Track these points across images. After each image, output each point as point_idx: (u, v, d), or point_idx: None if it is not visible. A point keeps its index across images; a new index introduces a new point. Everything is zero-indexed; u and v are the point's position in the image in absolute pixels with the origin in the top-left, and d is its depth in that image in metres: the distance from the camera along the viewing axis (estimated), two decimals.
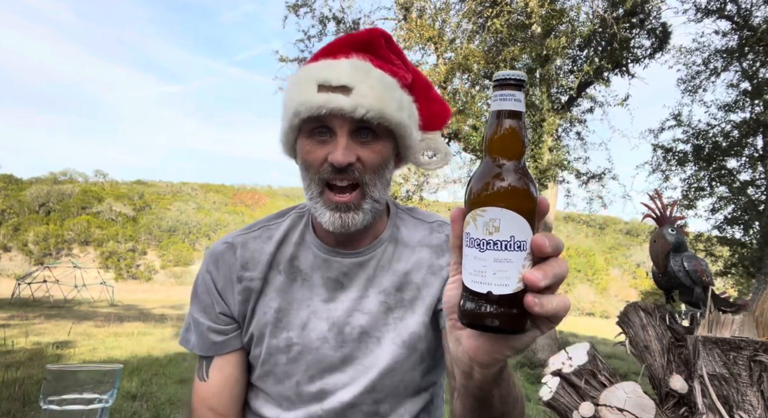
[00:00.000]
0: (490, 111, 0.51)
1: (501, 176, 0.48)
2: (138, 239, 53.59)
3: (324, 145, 0.85)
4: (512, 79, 0.49)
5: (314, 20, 9.65)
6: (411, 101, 0.91)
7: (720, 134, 11.22)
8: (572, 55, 9.67)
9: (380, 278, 0.95)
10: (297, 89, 0.85)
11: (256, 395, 0.99)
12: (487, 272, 0.47)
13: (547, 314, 0.46)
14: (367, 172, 0.85)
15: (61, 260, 34.76)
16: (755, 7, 10.19)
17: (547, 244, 0.47)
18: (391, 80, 0.87)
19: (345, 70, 0.84)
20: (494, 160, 0.49)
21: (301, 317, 0.94)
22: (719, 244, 11.55)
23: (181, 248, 52.00)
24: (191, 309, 0.99)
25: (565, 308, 0.48)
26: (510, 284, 0.46)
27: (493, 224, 0.47)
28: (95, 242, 50.75)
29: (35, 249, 48.38)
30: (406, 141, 0.90)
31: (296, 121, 0.85)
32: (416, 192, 10.01)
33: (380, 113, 0.82)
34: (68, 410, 0.66)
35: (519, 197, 0.47)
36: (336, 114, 0.82)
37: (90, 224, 52.15)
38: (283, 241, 0.98)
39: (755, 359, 1.13)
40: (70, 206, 55.64)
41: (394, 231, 0.99)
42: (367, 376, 0.92)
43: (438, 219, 1.02)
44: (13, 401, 4.05)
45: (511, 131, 0.49)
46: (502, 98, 0.49)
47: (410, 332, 0.93)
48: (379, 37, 0.91)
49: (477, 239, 0.47)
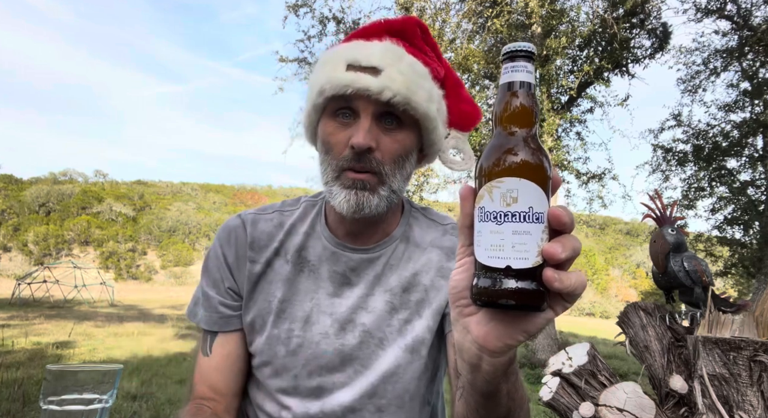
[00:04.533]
0: (500, 83, 0.50)
1: (517, 147, 0.47)
2: (138, 239, 53.57)
3: (347, 128, 0.82)
4: (523, 51, 0.48)
5: (314, 20, 9.67)
6: (441, 95, 0.88)
7: (720, 134, 11.22)
8: (572, 55, 9.68)
9: (388, 276, 0.92)
10: (324, 68, 0.82)
11: (258, 387, 0.97)
12: (505, 246, 0.45)
13: (566, 289, 0.45)
14: (386, 162, 0.82)
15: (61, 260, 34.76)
16: (755, 7, 10.20)
17: (565, 214, 0.45)
18: (424, 69, 0.84)
19: (376, 51, 0.81)
20: (508, 131, 0.48)
21: (305, 310, 0.92)
22: (719, 244, 11.55)
23: (181, 248, 51.98)
24: (201, 282, 0.98)
25: (583, 284, 0.46)
26: (530, 257, 0.45)
27: (511, 194, 0.45)
28: (95, 242, 50.74)
29: (35, 249, 48.37)
30: (431, 135, 0.87)
31: (320, 100, 0.82)
32: (416, 192, 10.01)
33: (407, 100, 0.79)
34: (68, 410, 0.66)
35: (536, 167, 0.46)
36: (362, 94, 0.79)
37: (90, 224, 52.15)
38: (293, 229, 0.96)
39: (755, 359, 1.13)
40: (70, 206, 55.64)
41: (406, 230, 0.96)
42: (366, 378, 0.89)
43: (452, 221, 0.99)
44: (13, 401, 4.06)
45: (523, 102, 0.48)
46: (513, 69, 0.48)
47: (415, 335, 0.90)
48: (414, 26, 0.87)
49: (494, 211, 0.46)
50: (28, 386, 4.51)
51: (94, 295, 18.70)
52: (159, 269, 50.16)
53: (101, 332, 9.22)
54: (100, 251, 49.52)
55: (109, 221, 55.84)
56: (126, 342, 8.18)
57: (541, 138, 8.49)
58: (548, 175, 0.47)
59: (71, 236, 50.82)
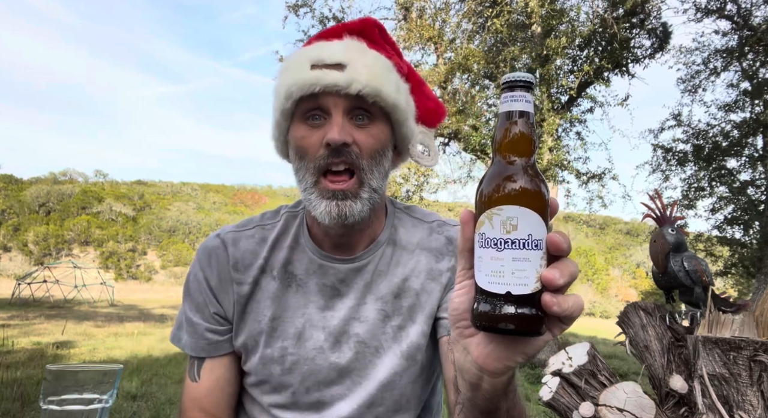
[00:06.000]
0: (500, 112, 0.51)
1: (516, 175, 0.48)
2: (138, 239, 53.55)
3: (319, 129, 0.80)
4: (521, 81, 0.50)
5: (314, 20, 9.66)
6: (407, 88, 0.87)
7: (720, 134, 11.22)
8: (572, 55, 9.67)
9: (378, 284, 0.91)
10: (288, 72, 0.81)
11: (253, 401, 0.95)
12: (505, 272, 0.46)
13: (564, 313, 0.46)
14: (363, 157, 0.80)
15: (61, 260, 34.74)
16: (755, 7, 10.20)
17: (563, 241, 0.47)
18: (387, 62, 0.83)
19: (339, 48, 0.80)
20: (507, 160, 0.50)
21: (296, 326, 0.90)
22: (719, 244, 11.55)
23: (181, 248, 51.95)
24: (184, 307, 0.94)
25: (580, 307, 0.47)
26: (529, 283, 0.46)
27: (511, 222, 0.47)
28: (95, 242, 50.72)
29: (35, 249, 48.36)
30: (402, 128, 0.86)
31: (289, 105, 0.80)
32: (416, 192, 10.01)
33: (376, 90, 0.78)
34: (68, 410, 0.66)
35: (534, 195, 0.48)
36: (330, 91, 0.77)
37: (90, 224, 52.13)
38: (276, 244, 0.93)
39: (755, 359, 1.13)
40: (70, 206, 55.62)
41: (392, 232, 0.94)
42: (365, 389, 0.88)
43: (437, 218, 0.98)
44: (13, 401, 4.05)
45: (522, 131, 0.50)
46: (512, 99, 0.50)
47: (410, 342, 0.89)
48: (372, 27, 0.87)
49: (494, 238, 0.47)
50: (28, 386, 4.51)
51: (94, 295, 18.69)
52: (159, 269, 50.15)
53: (101, 332, 9.22)
54: (100, 251, 49.52)
55: (109, 221, 55.83)
56: (126, 342, 8.18)
57: (541, 138, 8.50)
58: (547, 203, 0.48)
59: (71, 236, 50.81)
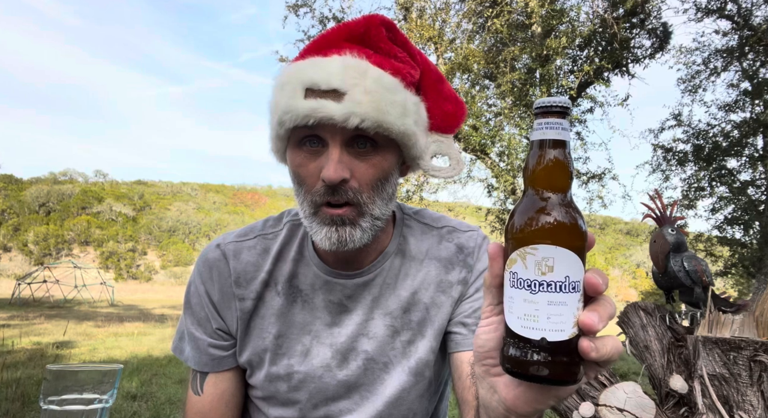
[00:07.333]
0: (532, 140, 0.47)
1: (552, 211, 0.44)
2: (138, 239, 53.56)
3: (316, 157, 0.74)
4: (557, 106, 0.45)
5: (314, 20, 9.68)
6: (417, 102, 0.79)
7: (720, 134, 11.23)
8: (572, 55, 9.67)
9: (387, 298, 0.88)
10: (282, 93, 0.75)
11: (258, 412, 0.93)
12: (540, 317, 0.43)
13: (602, 359, 0.42)
14: (363, 191, 0.75)
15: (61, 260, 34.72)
16: (755, 7, 10.20)
17: (601, 283, 0.43)
18: (392, 80, 0.75)
19: (336, 70, 0.72)
20: (540, 194, 0.45)
21: (303, 343, 0.87)
22: (719, 244, 11.56)
23: (181, 248, 51.96)
24: (185, 319, 0.91)
25: (619, 351, 0.44)
26: (566, 329, 0.42)
27: (546, 263, 0.43)
28: (95, 242, 50.73)
29: (35, 249, 48.37)
30: (411, 151, 0.79)
31: (282, 132, 0.75)
32: (416, 192, 10.02)
33: (378, 122, 0.71)
34: (68, 410, 0.66)
35: (572, 234, 0.43)
36: (326, 124, 0.71)
37: (90, 224, 52.14)
38: (280, 256, 0.89)
39: (755, 359, 1.13)
40: (70, 206, 55.63)
41: (400, 242, 0.91)
42: (373, 404, 0.87)
43: (447, 224, 0.94)
44: (13, 401, 4.05)
45: (558, 162, 0.45)
46: (547, 126, 0.45)
47: (419, 358, 0.87)
48: (378, 27, 0.78)
49: (528, 279, 0.43)
50: (28, 386, 4.50)
51: (94, 295, 18.68)
52: (159, 269, 50.16)
53: (101, 332, 9.22)
54: (100, 251, 49.54)
55: (109, 221, 55.84)
56: (126, 342, 8.17)
57: None
58: (585, 240, 0.44)
59: (71, 236, 50.83)
